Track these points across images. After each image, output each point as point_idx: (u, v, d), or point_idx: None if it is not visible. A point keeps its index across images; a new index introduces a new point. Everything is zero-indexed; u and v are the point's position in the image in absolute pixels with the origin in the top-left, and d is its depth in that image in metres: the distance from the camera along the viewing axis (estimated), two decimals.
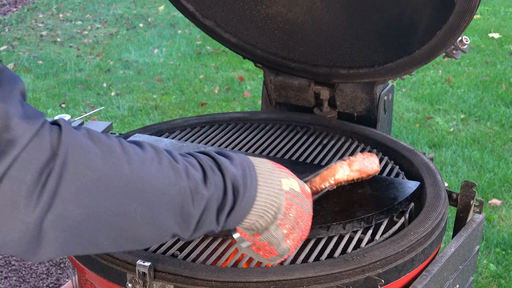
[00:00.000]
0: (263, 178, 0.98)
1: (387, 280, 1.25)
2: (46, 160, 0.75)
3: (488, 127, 4.17)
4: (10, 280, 2.78)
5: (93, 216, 0.80)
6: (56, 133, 0.77)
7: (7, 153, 0.72)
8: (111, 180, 0.81)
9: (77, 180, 0.77)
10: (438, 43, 1.50)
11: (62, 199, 0.76)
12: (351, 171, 1.39)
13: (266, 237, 1.01)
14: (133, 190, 0.83)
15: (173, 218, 0.88)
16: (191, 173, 0.90)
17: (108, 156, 0.81)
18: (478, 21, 6.44)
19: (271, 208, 0.98)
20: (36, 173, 0.74)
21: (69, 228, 0.78)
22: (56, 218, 0.76)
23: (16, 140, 0.73)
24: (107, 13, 7.46)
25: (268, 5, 1.85)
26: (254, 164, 0.99)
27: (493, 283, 2.69)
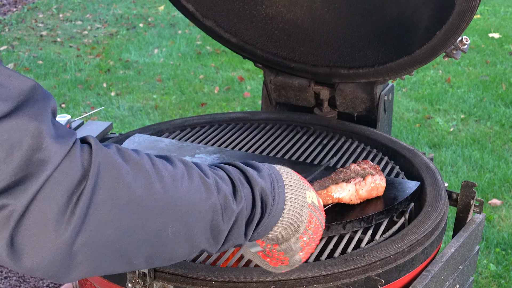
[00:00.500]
0: (290, 190, 0.98)
1: (387, 280, 1.25)
2: (78, 180, 0.73)
3: (488, 127, 4.17)
4: (10, 280, 2.78)
5: (125, 236, 0.79)
6: (87, 153, 0.76)
7: (40, 173, 0.71)
8: (143, 199, 0.79)
9: (108, 200, 0.76)
10: (438, 43, 1.50)
11: (93, 220, 0.75)
12: (356, 196, 1.38)
13: (284, 248, 1.00)
14: (165, 208, 0.82)
15: (203, 234, 0.87)
16: (221, 188, 0.89)
17: (139, 174, 0.80)
18: (478, 21, 6.44)
19: (295, 222, 0.98)
20: (67, 194, 0.73)
21: (100, 249, 0.77)
22: (88, 239, 0.75)
23: (49, 160, 0.71)
24: (107, 13, 7.46)
25: (268, 5, 1.85)
26: (282, 175, 0.98)
27: (493, 283, 2.69)
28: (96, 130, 1.84)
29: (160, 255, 0.85)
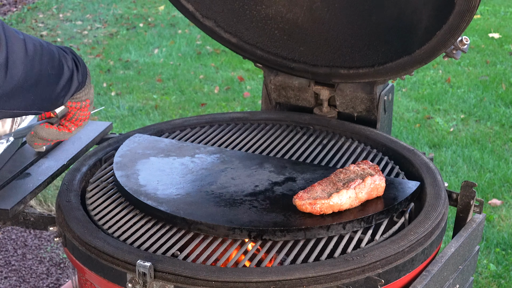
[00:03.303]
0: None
1: (387, 280, 1.25)
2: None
3: (488, 127, 4.17)
4: (10, 280, 2.78)
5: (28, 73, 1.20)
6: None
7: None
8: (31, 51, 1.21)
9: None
10: (438, 43, 1.50)
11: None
12: (356, 200, 1.38)
13: (92, 101, 1.45)
14: (42, 55, 1.24)
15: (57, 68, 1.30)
16: (67, 56, 1.35)
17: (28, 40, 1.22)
18: (478, 21, 6.44)
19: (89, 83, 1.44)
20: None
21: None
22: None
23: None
24: (107, 13, 7.46)
25: (268, 5, 1.85)
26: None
27: (493, 283, 2.69)
28: (96, 130, 1.84)
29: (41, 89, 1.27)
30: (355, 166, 1.45)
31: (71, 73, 1.33)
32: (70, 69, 1.33)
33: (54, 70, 1.28)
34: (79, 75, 1.36)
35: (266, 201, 1.40)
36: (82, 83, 1.39)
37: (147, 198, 1.41)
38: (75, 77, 1.35)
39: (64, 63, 1.32)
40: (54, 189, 3.31)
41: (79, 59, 1.39)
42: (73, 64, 1.34)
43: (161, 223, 1.38)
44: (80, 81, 1.38)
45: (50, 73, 1.27)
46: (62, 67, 1.31)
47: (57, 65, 1.29)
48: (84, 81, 1.40)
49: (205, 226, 1.32)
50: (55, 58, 1.29)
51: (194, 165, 1.57)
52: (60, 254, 2.98)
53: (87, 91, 1.43)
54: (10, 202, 1.49)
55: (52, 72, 1.28)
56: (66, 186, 1.53)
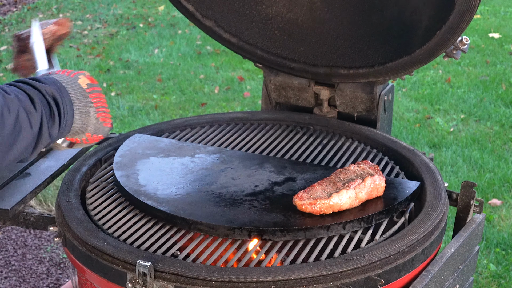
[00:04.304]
0: (67, 84, 1.17)
1: (387, 280, 1.25)
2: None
3: (488, 127, 4.17)
4: (10, 280, 2.78)
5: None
6: None
7: None
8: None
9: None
10: (438, 43, 1.50)
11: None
12: (356, 200, 1.38)
13: (97, 133, 1.23)
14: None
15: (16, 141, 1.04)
16: (21, 99, 1.05)
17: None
18: (478, 21, 6.43)
19: (85, 107, 1.19)
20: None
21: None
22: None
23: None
24: (107, 13, 7.46)
25: (268, 5, 1.85)
26: (54, 77, 1.17)
27: (493, 283, 2.69)
28: None
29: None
30: (355, 166, 1.45)
31: (36, 133, 1.07)
32: (32, 129, 1.06)
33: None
34: (53, 127, 1.10)
35: (266, 201, 1.40)
36: (63, 130, 1.15)
37: (147, 198, 1.41)
38: (44, 133, 1.08)
39: (22, 125, 1.04)
40: (54, 189, 3.31)
41: (58, 98, 1.11)
42: (42, 115, 1.07)
43: (161, 223, 1.38)
44: (56, 134, 1.12)
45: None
46: (18, 132, 1.03)
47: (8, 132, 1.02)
48: (66, 125, 1.15)
49: (205, 226, 1.32)
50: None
51: (194, 165, 1.57)
52: (60, 254, 2.98)
53: (80, 126, 1.20)
54: (10, 202, 1.49)
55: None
56: (66, 186, 1.53)
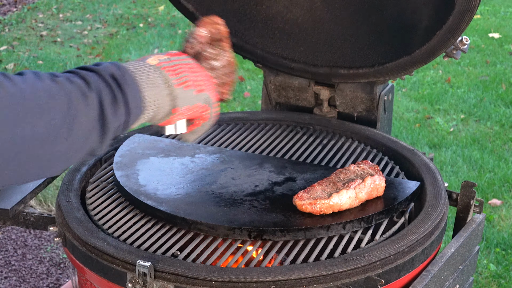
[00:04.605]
0: (130, 64, 1.04)
1: (387, 280, 1.25)
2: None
3: (488, 127, 4.17)
4: (10, 280, 2.78)
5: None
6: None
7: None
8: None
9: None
10: (438, 43, 1.50)
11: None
12: (356, 200, 1.38)
13: (184, 103, 1.09)
14: (22, 107, 0.85)
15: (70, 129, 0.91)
16: (73, 80, 0.94)
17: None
18: (478, 21, 6.43)
19: (153, 81, 1.04)
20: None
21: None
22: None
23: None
24: (107, 13, 7.46)
25: (268, 5, 1.85)
26: (115, 63, 1.04)
27: (493, 283, 2.69)
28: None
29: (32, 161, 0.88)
30: (355, 166, 1.45)
31: (97, 115, 0.94)
32: (90, 110, 0.93)
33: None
34: (117, 107, 0.97)
35: (266, 201, 1.40)
36: (134, 109, 1.00)
37: (147, 198, 1.41)
38: (108, 115, 0.95)
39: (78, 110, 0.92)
40: (54, 189, 3.31)
41: (117, 75, 0.99)
42: (100, 95, 0.95)
43: (161, 223, 1.38)
44: (123, 114, 0.98)
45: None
46: (74, 115, 0.91)
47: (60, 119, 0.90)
48: (135, 103, 1.00)
49: (205, 226, 1.32)
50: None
51: (194, 165, 1.57)
52: (60, 254, 2.98)
53: (156, 102, 1.04)
54: (10, 202, 1.49)
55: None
56: (66, 186, 1.53)
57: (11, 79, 0.85)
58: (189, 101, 1.10)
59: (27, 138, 0.85)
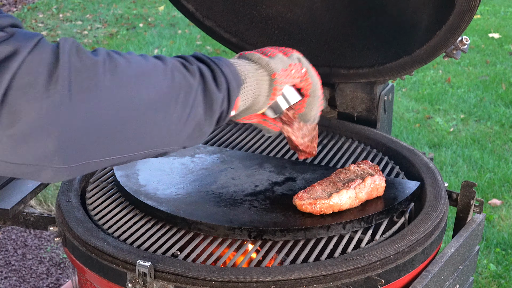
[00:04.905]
0: (233, 60, 1.11)
1: (387, 280, 1.25)
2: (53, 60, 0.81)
3: (488, 127, 4.17)
4: (10, 280, 2.78)
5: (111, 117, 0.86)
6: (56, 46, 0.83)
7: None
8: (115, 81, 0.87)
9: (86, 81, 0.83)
10: (438, 43, 1.50)
11: (76, 93, 0.81)
12: (356, 200, 1.38)
13: (278, 66, 1.12)
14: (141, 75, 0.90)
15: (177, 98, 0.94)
16: (171, 58, 0.99)
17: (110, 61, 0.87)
18: (478, 21, 6.44)
19: (243, 60, 1.11)
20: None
21: (88, 128, 0.84)
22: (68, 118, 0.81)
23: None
24: (107, 13, 7.46)
25: (268, 5, 1.85)
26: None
27: (493, 283, 2.69)
28: None
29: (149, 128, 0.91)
30: (355, 166, 1.45)
31: (199, 88, 0.97)
32: (192, 84, 0.97)
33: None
34: (218, 79, 1.00)
35: (266, 201, 1.40)
36: (237, 82, 1.04)
37: (147, 198, 1.41)
38: (211, 88, 0.99)
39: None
40: (54, 189, 3.31)
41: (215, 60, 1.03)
42: (200, 71, 0.99)
43: (161, 223, 1.38)
44: (229, 89, 1.02)
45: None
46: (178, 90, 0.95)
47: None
48: (234, 81, 1.03)
49: (205, 226, 1.32)
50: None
51: (194, 165, 1.57)
52: (60, 254, 2.98)
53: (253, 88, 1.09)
54: (10, 202, 1.49)
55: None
56: (66, 186, 1.53)
57: (120, 54, 0.90)
58: (281, 63, 1.13)
59: (143, 104, 0.89)
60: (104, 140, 0.87)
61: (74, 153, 0.84)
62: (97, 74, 0.84)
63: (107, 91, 0.85)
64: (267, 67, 1.11)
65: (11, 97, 0.76)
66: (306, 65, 1.20)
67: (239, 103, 1.08)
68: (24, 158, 0.80)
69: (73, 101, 0.80)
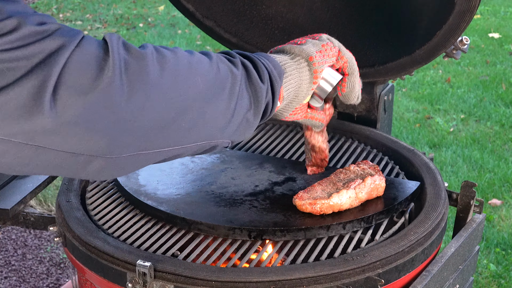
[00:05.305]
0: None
1: (387, 280, 1.25)
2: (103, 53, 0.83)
3: (488, 127, 4.17)
4: (10, 280, 2.78)
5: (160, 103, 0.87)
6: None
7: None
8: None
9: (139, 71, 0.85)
10: (438, 43, 1.50)
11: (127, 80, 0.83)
12: (356, 200, 1.38)
13: (312, 49, 1.15)
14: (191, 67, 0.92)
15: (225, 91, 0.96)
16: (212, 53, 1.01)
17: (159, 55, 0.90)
18: (478, 21, 6.44)
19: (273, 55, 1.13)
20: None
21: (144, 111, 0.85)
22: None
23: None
24: (107, 13, 7.46)
25: (268, 5, 1.85)
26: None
27: (493, 283, 2.69)
28: None
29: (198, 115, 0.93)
30: (355, 166, 1.45)
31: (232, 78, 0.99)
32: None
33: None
34: (261, 71, 1.03)
35: (266, 201, 1.40)
36: (278, 71, 1.07)
37: (147, 198, 1.41)
38: (254, 81, 1.02)
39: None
40: (54, 189, 3.31)
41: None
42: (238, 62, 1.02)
43: (161, 223, 1.38)
44: (272, 80, 1.04)
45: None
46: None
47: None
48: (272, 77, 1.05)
49: (205, 226, 1.32)
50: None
51: (194, 165, 1.57)
52: (60, 254, 2.98)
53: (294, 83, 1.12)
54: (10, 202, 1.49)
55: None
56: (66, 186, 1.53)
57: (166, 48, 0.92)
58: (314, 46, 1.16)
59: (191, 93, 0.91)
60: (155, 131, 0.87)
61: (125, 144, 0.85)
62: (146, 66, 0.85)
63: (157, 82, 0.86)
64: (302, 53, 1.13)
65: (61, 90, 0.77)
66: (337, 44, 1.22)
67: (283, 93, 1.10)
68: (75, 147, 0.80)
69: (124, 93, 0.82)
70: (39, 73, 0.75)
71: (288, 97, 1.13)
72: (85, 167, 0.84)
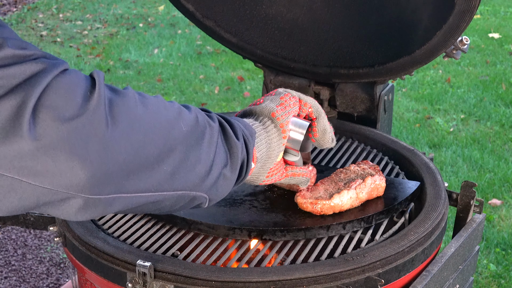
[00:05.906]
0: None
1: (387, 280, 1.25)
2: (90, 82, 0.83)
3: (488, 127, 4.17)
4: (10, 280, 2.78)
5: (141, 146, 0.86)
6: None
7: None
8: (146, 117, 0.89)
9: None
10: (438, 43, 1.50)
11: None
12: (357, 200, 1.38)
13: (274, 104, 1.16)
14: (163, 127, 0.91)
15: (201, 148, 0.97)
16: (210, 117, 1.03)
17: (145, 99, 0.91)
18: (478, 21, 6.44)
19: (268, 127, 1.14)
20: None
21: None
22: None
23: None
24: (107, 13, 7.46)
25: (268, 5, 1.85)
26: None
27: (493, 283, 2.69)
28: None
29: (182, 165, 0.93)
30: (355, 166, 1.45)
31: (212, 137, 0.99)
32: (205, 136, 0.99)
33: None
34: (236, 131, 1.05)
35: (266, 201, 1.40)
36: (250, 131, 1.09)
37: None
38: (231, 139, 1.03)
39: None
40: None
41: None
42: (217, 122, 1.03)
43: (161, 223, 1.38)
44: (246, 138, 1.06)
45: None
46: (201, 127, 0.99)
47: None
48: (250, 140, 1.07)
49: (205, 226, 1.32)
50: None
51: None
52: (60, 254, 2.98)
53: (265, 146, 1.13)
54: None
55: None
56: None
57: (145, 97, 0.92)
58: (272, 102, 1.16)
59: (173, 135, 0.92)
60: (138, 169, 0.86)
61: (105, 180, 0.82)
62: (129, 104, 0.85)
63: (141, 116, 0.86)
64: (264, 111, 1.14)
65: (42, 113, 0.75)
66: (295, 93, 1.21)
67: (256, 154, 1.10)
68: (52, 179, 0.78)
69: (108, 121, 0.81)
70: (19, 93, 0.73)
71: (261, 159, 1.12)
72: (62, 206, 0.81)
